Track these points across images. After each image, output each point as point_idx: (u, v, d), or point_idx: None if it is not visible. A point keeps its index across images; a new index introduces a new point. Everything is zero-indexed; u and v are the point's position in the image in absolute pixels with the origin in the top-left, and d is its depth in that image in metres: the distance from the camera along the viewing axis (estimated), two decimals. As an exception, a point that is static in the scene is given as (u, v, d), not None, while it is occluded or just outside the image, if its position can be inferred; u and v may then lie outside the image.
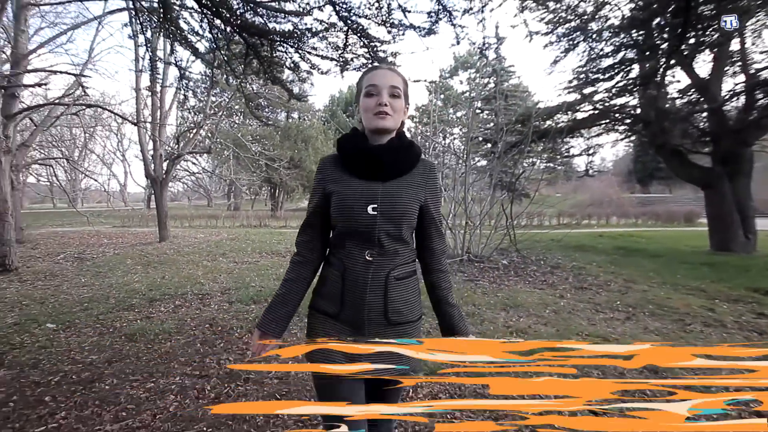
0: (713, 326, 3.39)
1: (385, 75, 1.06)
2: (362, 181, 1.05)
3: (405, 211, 1.05)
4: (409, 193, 1.06)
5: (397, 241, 1.05)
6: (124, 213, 19.32)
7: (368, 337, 1.06)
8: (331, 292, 1.08)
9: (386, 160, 1.05)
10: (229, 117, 15.84)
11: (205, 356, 2.72)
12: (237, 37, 4.23)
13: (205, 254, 7.56)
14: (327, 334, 1.07)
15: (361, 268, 1.04)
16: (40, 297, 4.31)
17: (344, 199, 1.04)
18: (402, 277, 1.07)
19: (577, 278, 5.39)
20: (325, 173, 1.10)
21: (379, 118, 1.03)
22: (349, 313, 1.06)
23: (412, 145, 1.10)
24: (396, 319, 1.07)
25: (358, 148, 1.07)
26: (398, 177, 1.07)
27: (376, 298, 1.04)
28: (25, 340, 3.03)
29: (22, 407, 2.07)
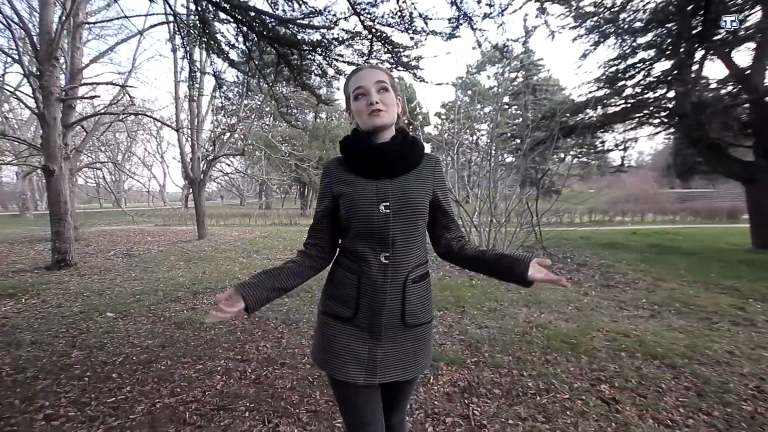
0: (742, 325, 3.35)
1: (369, 73, 1.05)
2: (371, 180, 1.04)
3: (417, 206, 1.05)
4: (418, 188, 1.06)
5: (411, 240, 1.05)
6: (164, 212, 20.43)
7: (383, 340, 1.05)
8: (346, 295, 1.06)
9: (393, 157, 1.05)
10: (260, 119, 16.40)
11: (245, 343, 3.00)
12: (269, 47, 4.52)
13: (240, 251, 7.99)
14: (341, 340, 1.06)
15: (378, 271, 1.03)
16: (98, 289, 4.78)
17: (355, 200, 1.03)
18: (418, 280, 1.07)
19: (604, 276, 5.36)
20: (331, 176, 1.09)
21: (374, 116, 1.03)
22: (365, 317, 1.04)
23: (416, 141, 1.10)
24: (412, 321, 1.06)
25: (365, 147, 1.06)
26: (406, 173, 1.06)
27: (394, 302, 1.03)
28: (90, 326, 3.42)
29: (95, 381, 2.40)
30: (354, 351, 1.05)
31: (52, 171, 6.06)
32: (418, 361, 1.10)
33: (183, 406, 2.11)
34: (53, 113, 6.01)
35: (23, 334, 3.22)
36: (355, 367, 1.04)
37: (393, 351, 1.06)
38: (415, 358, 1.09)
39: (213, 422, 1.98)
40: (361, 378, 1.04)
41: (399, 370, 1.07)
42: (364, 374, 1.04)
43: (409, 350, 1.08)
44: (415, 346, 1.09)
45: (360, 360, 1.04)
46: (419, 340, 1.10)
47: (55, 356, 2.78)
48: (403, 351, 1.07)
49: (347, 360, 1.04)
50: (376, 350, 1.04)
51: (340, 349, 1.06)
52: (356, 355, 1.04)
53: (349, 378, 1.04)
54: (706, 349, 2.77)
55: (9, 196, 38.76)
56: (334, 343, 1.07)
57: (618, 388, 2.26)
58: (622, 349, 2.79)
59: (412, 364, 1.09)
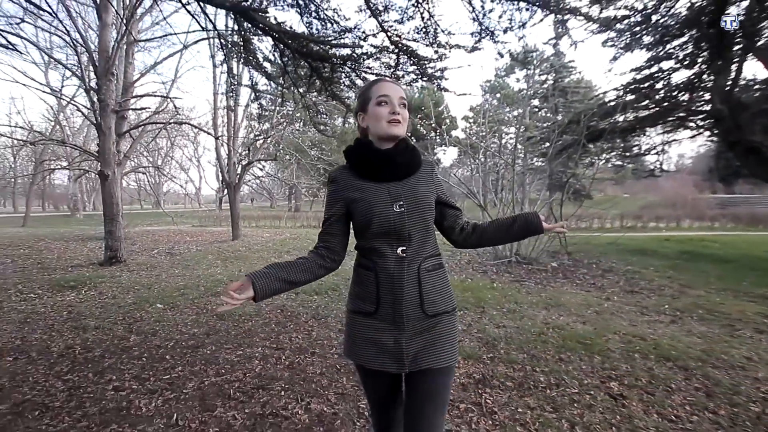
0: (766, 333, 3.34)
1: (394, 87, 1.15)
2: (381, 183, 1.14)
3: (426, 203, 1.15)
4: (425, 188, 1.18)
5: (424, 234, 1.15)
6: (200, 214, 21.46)
7: (407, 331, 1.11)
8: (366, 291, 1.14)
9: (400, 162, 1.15)
10: (291, 125, 17.02)
11: (279, 334, 3.29)
12: (302, 61, 4.85)
13: (272, 251, 8.41)
14: (369, 334, 1.14)
15: (394, 264, 1.11)
16: (147, 283, 5.25)
17: (371, 203, 1.12)
18: (432, 269, 1.15)
19: (629, 282, 5.35)
20: (340, 184, 1.17)
21: (393, 125, 1.12)
22: (387, 310, 1.11)
23: (415, 149, 1.22)
24: (432, 310, 1.13)
25: (375, 154, 1.15)
26: (410, 176, 1.18)
27: (411, 290, 1.11)
28: (143, 315, 3.83)
29: (151, 362, 2.75)
30: (382, 342, 1.11)
31: (106, 176, 6.67)
32: (444, 350, 1.14)
33: (227, 385, 2.41)
34: (108, 123, 6.62)
35: (87, 320, 3.66)
36: (384, 358, 1.11)
37: (418, 340, 1.12)
38: (441, 346, 1.14)
39: (253, 399, 2.26)
40: (393, 367, 1.11)
41: (426, 358, 1.12)
42: (396, 364, 1.11)
43: (434, 339, 1.13)
44: (439, 335, 1.14)
45: (388, 350, 1.11)
46: (442, 330, 1.15)
47: (116, 340, 3.18)
48: (428, 339, 1.13)
49: (376, 351, 1.12)
50: (401, 339, 1.10)
51: (369, 342, 1.13)
52: (384, 346, 1.11)
53: (382, 367, 1.12)
54: (722, 354, 2.82)
55: (60, 198, 41.76)
56: (363, 337, 1.14)
57: (627, 386, 2.37)
58: (636, 350, 2.88)
59: (438, 352, 1.13)
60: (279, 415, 2.09)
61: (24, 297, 4.59)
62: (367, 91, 1.17)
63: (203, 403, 2.20)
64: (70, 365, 2.69)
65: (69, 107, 17.76)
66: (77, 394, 2.30)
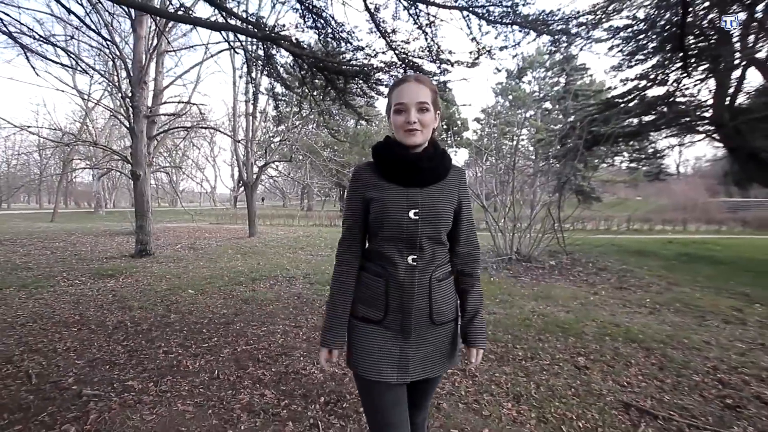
0: (732, 323, 3.70)
1: (412, 91, 1.08)
2: (402, 187, 1.09)
3: (444, 215, 1.10)
4: (446, 198, 1.12)
5: (436, 244, 1.12)
6: (217, 211, 22.26)
7: (413, 340, 1.10)
8: (374, 298, 1.11)
9: (425, 168, 1.10)
10: (305, 126, 17.61)
11: (297, 315, 3.79)
12: (319, 74, 5.35)
13: (287, 248, 8.95)
14: (373, 342, 1.11)
15: (405, 273, 1.08)
16: (177, 273, 5.82)
17: (387, 205, 1.08)
18: (443, 278, 1.14)
19: (620, 279, 5.71)
20: (362, 181, 1.14)
21: (409, 135, 1.08)
22: (395, 318, 1.09)
23: (445, 153, 1.16)
24: (440, 319, 1.12)
25: (398, 156, 1.10)
26: (434, 183, 1.12)
27: (422, 301, 1.09)
28: (177, 299, 4.37)
29: (191, 334, 3.27)
30: (386, 351, 1.09)
31: (138, 175, 7.28)
32: (446, 358, 1.16)
33: (256, 351, 2.91)
34: (141, 127, 7.24)
35: (131, 302, 4.21)
36: (387, 367, 1.09)
37: (423, 349, 1.12)
38: (444, 355, 1.16)
39: (277, 362, 2.75)
40: (393, 377, 1.09)
41: (429, 368, 1.13)
42: (397, 373, 1.09)
43: (438, 348, 1.14)
44: (443, 343, 1.15)
45: (392, 360, 1.09)
46: (447, 338, 1.16)
47: (159, 317, 3.71)
48: (433, 349, 1.13)
49: (380, 360, 1.09)
50: (407, 349, 1.09)
51: (373, 351, 1.10)
52: (388, 355, 1.09)
53: (382, 377, 1.09)
54: (684, 339, 3.21)
55: (82, 195, 43.37)
56: (367, 345, 1.11)
57: (592, 360, 2.80)
58: (608, 334, 3.29)
59: (440, 361, 1.15)
60: (299, 373, 2.57)
61: (71, 282, 5.19)
62: (390, 96, 1.14)
63: (238, 364, 2.70)
64: (125, 335, 3.23)
65: (95, 109, 18.69)
66: (135, 355, 2.82)
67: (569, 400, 2.25)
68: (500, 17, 3.72)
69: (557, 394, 2.32)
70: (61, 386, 2.33)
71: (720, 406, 2.20)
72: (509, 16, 3.70)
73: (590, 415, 2.09)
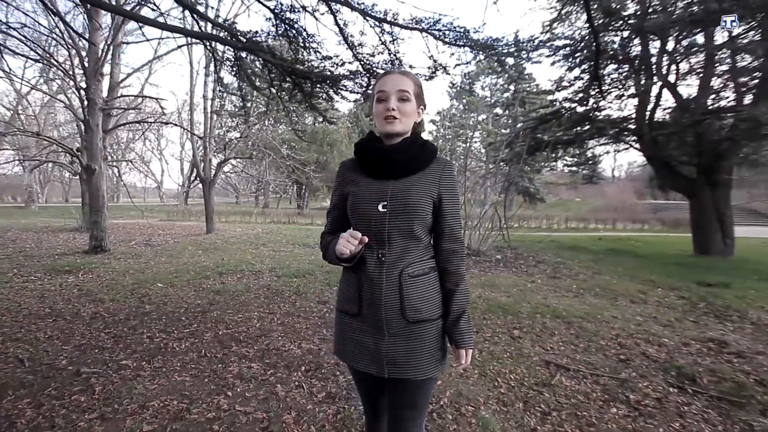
0: (637, 303, 4.52)
1: (395, 80, 1.09)
2: (375, 180, 1.09)
3: (415, 207, 1.06)
4: (419, 190, 1.08)
5: (408, 239, 1.08)
6: (168, 208, 21.37)
7: (388, 335, 1.08)
8: (350, 291, 1.13)
9: (397, 159, 1.08)
10: (263, 123, 17.46)
11: (270, 304, 4.10)
12: (287, 77, 5.63)
13: (249, 244, 9.06)
14: (353, 334, 1.13)
15: (374, 267, 1.07)
16: (140, 269, 5.84)
17: (358, 198, 1.10)
18: (418, 275, 1.09)
19: (554, 270, 6.53)
20: (343, 176, 1.17)
21: (387, 122, 1.07)
22: (368, 313, 1.09)
23: (426, 144, 1.13)
24: (414, 316, 1.08)
25: (373, 149, 1.12)
26: (411, 175, 1.09)
27: (392, 296, 1.07)
28: (148, 291, 4.50)
29: (170, 321, 3.49)
30: (364, 344, 1.11)
31: (93, 170, 7.11)
32: (425, 361, 1.09)
33: (236, 334, 3.22)
34: (96, 120, 7.07)
35: (101, 295, 4.29)
36: (366, 359, 1.11)
37: (398, 346, 1.09)
38: (423, 357, 1.09)
39: (258, 341, 3.08)
40: (373, 369, 1.10)
41: (406, 367, 1.09)
42: (374, 366, 1.10)
43: (416, 347, 1.09)
44: (422, 344, 1.09)
45: (369, 353, 1.10)
46: (426, 338, 1.10)
47: (134, 308, 3.87)
48: (409, 348, 1.09)
49: (360, 352, 1.12)
50: (381, 344, 1.09)
51: (353, 343, 1.13)
52: (366, 347, 1.11)
53: (361, 368, 1.13)
54: (598, 315, 3.92)
55: (7, 189, 39.34)
56: (348, 336, 1.15)
57: (524, 332, 3.40)
58: (539, 313, 3.93)
59: (420, 363, 1.09)
60: (279, 350, 2.92)
61: (26, 279, 5.08)
62: (374, 87, 1.14)
63: (221, 344, 3.00)
64: (104, 324, 3.38)
65: (30, 95, 17.26)
66: (121, 340, 3.02)
67: (504, 360, 2.81)
68: (454, 40, 4.25)
69: (495, 356, 2.87)
70: (57, 367, 2.52)
71: (615, 361, 2.86)
72: (462, 40, 4.25)
73: (519, 370, 2.65)
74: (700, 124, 8.30)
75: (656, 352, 2.99)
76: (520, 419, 2.08)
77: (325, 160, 24.00)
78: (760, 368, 2.69)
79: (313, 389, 2.34)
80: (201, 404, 2.09)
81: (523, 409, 2.19)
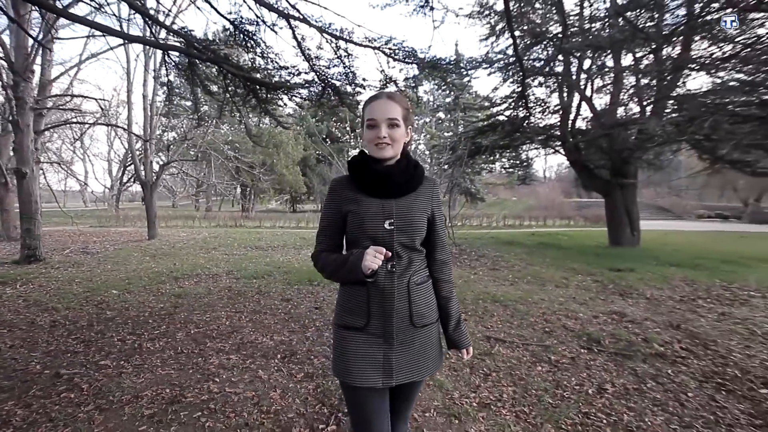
0: (561, 287, 5.30)
1: (383, 108, 1.15)
2: (377, 199, 1.16)
3: (417, 224, 1.17)
4: (419, 208, 1.19)
5: (411, 251, 1.18)
6: (98, 213, 19.76)
7: (396, 344, 1.15)
8: (357, 305, 1.17)
9: (399, 180, 1.17)
10: (201, 121, 16.88)
11: (234, 304, 4.28)
12: (242, 83, 5.75)
13: (198, 249, 8.89)
14: (358, 349, 1.16)
15: (385, 279, 1.14)
16: (86, 276, 5.63)
17: (363, 217, 1.15)
18: (421, 282, 1.20)
19: (494, 263, 7.28)
20: (339, 194, 1.21)
21: (379, 149, 1.14)
22: (378, 323, 1.14)
23: (417, 165, 1.23)
24: (420, 321, 1.18)
25: (373, 170, 1.17)
26: (408, 194, 1.19)
27: (402, 305, 1.15)
28: (104, 298, 4.44)
29: (137, 324, 3.56)
30: (371, 356, 1.15)
31: (24, 173, 6.65)
32: (429, 361, 1.21)
33: (208, 332, 3.40)
34: (26, 121, 6.62)
35: (52, 304, 4.17)
36: (372, 372, 1.14)
37: (406, 352, 1.17)
38: (427, 358, 1.20)
39: (231, 337, 3.29)
40: (379, 381, 1.14)
41: (413, 371, 1.18)
42: (382, 378, 1.14)
43: (420, 350, 1.19)
44: (425, 346, 1.20)
45: (377, 364, 1.14)
46: (428, 340, 1.21)
47: (94, 315, 3.85)
48: (415, 351, 1.18)
49: (365, 366, 1.14)
50: (390, 353, 1.15)
51: (358, 357, 1.15)
52: (373, 360, 1.14)
53: (367, 383, 1.14)
54: (529, 298, 4.59)
55: None
56: (352, 352, 1.16)
57: (469, 315, 3.94)
58: (481, 299, 4.52)
59: (424, 365, 1.20)
60: (253, 343, 3.17)
61: (-44, 292, 4.73)
62: (363, 111, 1.20)
63: (195, 342, 3.18)
64: (67, 331, 3.38)
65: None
66: (92, 344, 3.08)
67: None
68: (403, 57, 4.72)
69: (446, 336, 3.35)
70: (32, 372, 2.58)
71: (541, 332, 3.47)
72: (410, 58, 4.73)
73: (466, 345, 3.15)
74: (610, 134, 9.63)
75: (573, 324, 3.67)
76: (467, 380, 2.56)
77: (271, 162, 23.60)
78: (647, 330, 3.45)
79: (292, 371, 2.64)
80: (193, 390, 2.32)
81: (470, 373, 2.67)
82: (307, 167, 29.01)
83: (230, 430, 1.94)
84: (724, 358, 2.89)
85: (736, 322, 3.71)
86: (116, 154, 31.11)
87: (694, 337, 3.32)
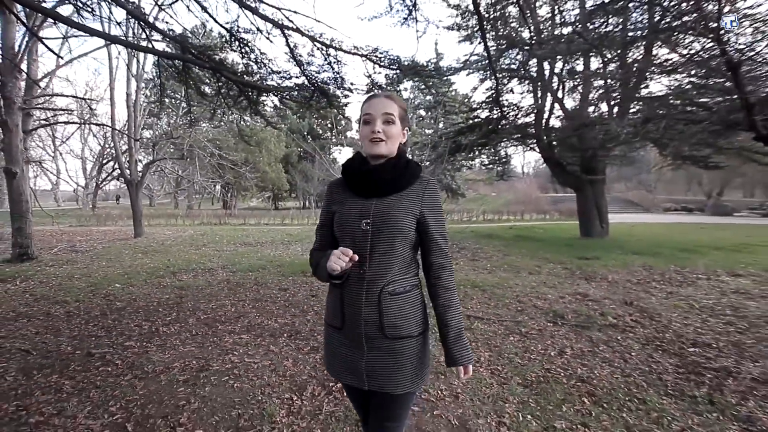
0: (533, 274, 5.83)
1: (380, 103, 1.13)
2: (360, 199, 1.14)
3: (397, 225, 1.09)
4: (402, 208, 1.11)
5: (390, 256, 1.10)
6: (77, 213, 19.40)
7: (367, 350, 1.12)
8: (334, 306, 1.18)
9: (381, 178, 1.12)
10: (190, 121, 16.84)
11: (236, 294, 4.60)
12: (234, 85, 6.02)
13: (187, 246, 9.08)
14: (337, 348, 1.18)
15: (355, 283, 1.11)
16: (83, 273, 5.81)
17: (343, 217, 1.14)
18: (399, 292, 1.12)
19: (474, 254, 7.79)
20: (330, 194, 1.22)
21: (373, 144, 1.12)
22: (349, 328, 1.14)
23: (410, 164, 1.17)
24: (393, 333, 1.11)
25: (356, 168, 1.17)
26: (394, 194, 1.13)
27: (371, 313, 1.10)
28: (110, 291, 4.69)
29: (148, 312, 3.86)
30: (344, 356, 1.16)
31: (14, 173, 6.72)
32: (405, 376, 1.12)
33: (217, 317, 3.73)
34: (15, 120, 6.69)
35: (61, 297, 4.40)
36: (345, 371, 1.17)
37: (378, 361, 1.12)
38: (402, 372, 1.12)
39: (239, 321, 3.63)
40: (354, 382, 1.16)
41: (385, 381, 1.12)
42: (357, 380, 1.15)
43: (396, 363, 1.12)
44: (401, 359, 1.12)
45: (350, 365, 1.15)
46: (405, 354, 1.13)
47: (105, 305, 4.11)
48: (388, 363, 1.12)
49: (340, 364, 1.18)
50: (360, 359, 1.13)
51: (335, 355, 1.19)
52: (346, 360, 1.16)
53: (342, 380, 1.19)
54: (505, 283, 5.09)
55: None
56: (331, 349, 1.20)
57: (452, 298, 4.39)
58: (462, 285, 4.99)
59: (398, 379, 1.12)
60: (261, 324, 3.53)
61: (-42, 289, 4.87)
62: (361, 109, 1.17)
63: (207, 326, 3.51)
64: (84, 321, 3.65)
65: None
66: (113, 329, 3.38)
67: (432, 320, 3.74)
68: (388, 64, 5.11)
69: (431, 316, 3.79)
70: (65, 352, 2.87)
71: (515, 311, 3.95)
72: (394, 64, 5.12)
73: (449, 322, 3.60)
74: (579, 132, 10.29)
75: (542, 304, 4.17)
76: (451, 348, 3.00)
77: (254, 160, 23.62)
78: (604, 306, 3.99)
79: (299, 346, 3.02)
80: (216, 361, 2.68)
81: (453, 343, 3.11)
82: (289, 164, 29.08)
83: (256, 389, 2.32)
84: (665, 327, 3.43)
85: (681, 299, 4.30)
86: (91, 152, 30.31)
87: (644, 311, 3.88)
